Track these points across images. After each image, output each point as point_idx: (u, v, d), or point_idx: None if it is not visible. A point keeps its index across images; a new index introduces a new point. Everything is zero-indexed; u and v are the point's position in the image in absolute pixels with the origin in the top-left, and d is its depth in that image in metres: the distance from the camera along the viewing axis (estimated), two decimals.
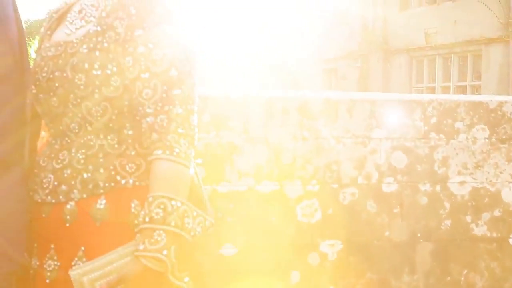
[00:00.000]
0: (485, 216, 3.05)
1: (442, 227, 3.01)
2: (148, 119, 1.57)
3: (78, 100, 1.59)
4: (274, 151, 2.84)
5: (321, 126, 2.87)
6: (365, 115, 2.92)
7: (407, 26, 17.78)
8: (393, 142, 2.94)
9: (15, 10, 1.68)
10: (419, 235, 2.99)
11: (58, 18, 1.74)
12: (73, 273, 1.53)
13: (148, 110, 1.57)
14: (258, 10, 22.55)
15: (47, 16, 1.80)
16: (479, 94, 15.89)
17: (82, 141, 1.61)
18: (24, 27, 1.73)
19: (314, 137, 2.87)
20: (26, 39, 1.70)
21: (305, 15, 21.75)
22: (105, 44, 1.58)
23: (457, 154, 3.01)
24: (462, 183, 3.02)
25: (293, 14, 22.13)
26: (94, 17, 1.65)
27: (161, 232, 1.51)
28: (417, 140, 2.97)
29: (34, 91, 1.65)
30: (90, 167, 1.59)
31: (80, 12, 1.69)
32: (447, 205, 3.01)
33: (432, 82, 17.82)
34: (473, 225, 3.04)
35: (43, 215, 1.62)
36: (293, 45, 21.80)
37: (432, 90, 17.54)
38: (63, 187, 1.60)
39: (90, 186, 1.58)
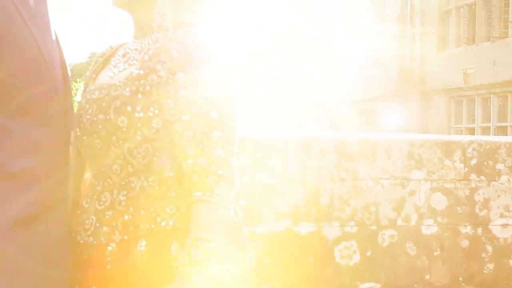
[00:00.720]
0: None
1: (485, 271, 2.94)
2: (188, 161, 1.59)
3: (120, 142, 1.61)
4: (312, 192, 2.83)
5: (359, 167, 2.86)
6: (403, 156, 2.90)
7: (445, 66, 17.68)
8: (433, 184, 2.90)
9: (60, 54, 1.72)
10: (460, 279, 2.93)
11: (103, 62, 1.79)
12: None
13: (188, 152, 1.58)
14: (296, 50, 22.72)
15: (91, 59, 1.84)
16: None
17: (123, 183, 1.63)
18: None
19: (352, 178, 2.86)
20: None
21: (342, 55, 21.83)
22: (148, 87, 1.61)
23: (498, 196, 2.96)
24: (504, 225, 2.96)
25: (330, 54, 22.24)
26: (137, 60, 1.68)
27: (200, 274, 1.51)
28: (457, 181, 2.93)
29: (78, 133, 1.68)
30: (131, 208, 1.61)
31: (124, 55, 1.73)
32: (489, 248, 2.94)
33: (472, 123, 17.62)
34: None
35: (85, 256, 1.64)
36: (330, 85, 21.85)
37: (472, 131, 17.33)
38: (105, 228, 1.62)
39: (131, 228, 1.60)
